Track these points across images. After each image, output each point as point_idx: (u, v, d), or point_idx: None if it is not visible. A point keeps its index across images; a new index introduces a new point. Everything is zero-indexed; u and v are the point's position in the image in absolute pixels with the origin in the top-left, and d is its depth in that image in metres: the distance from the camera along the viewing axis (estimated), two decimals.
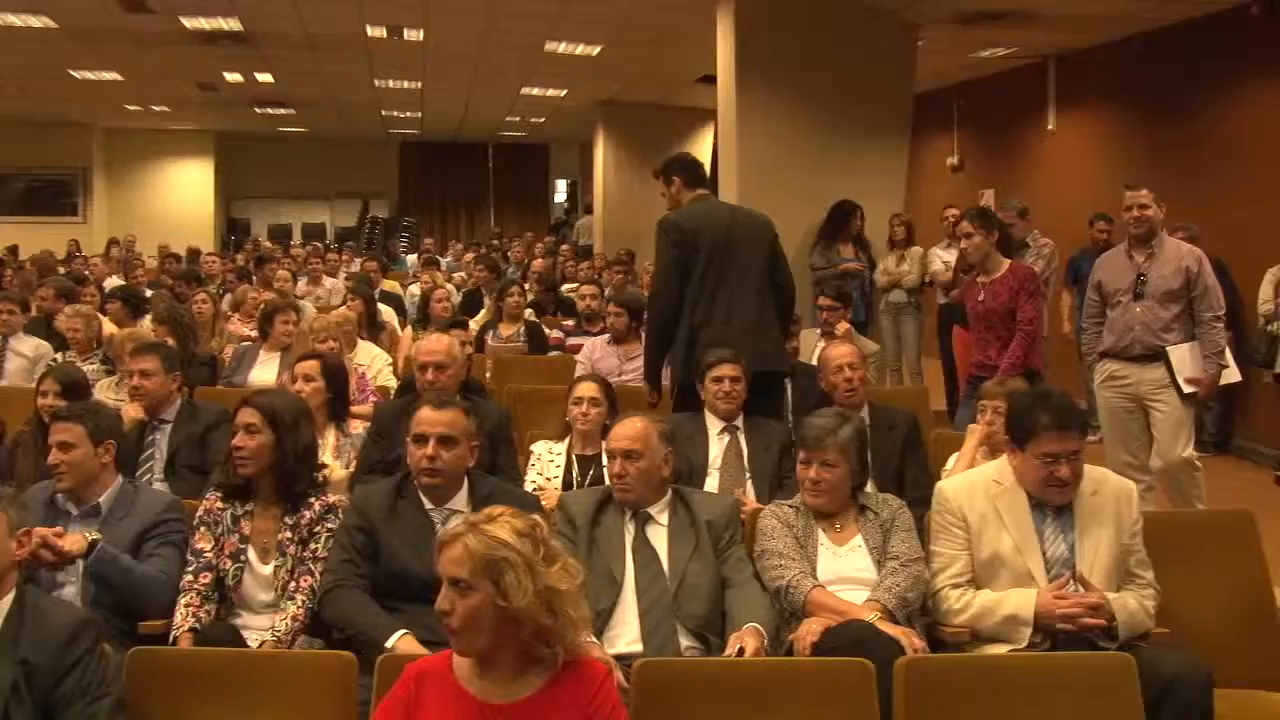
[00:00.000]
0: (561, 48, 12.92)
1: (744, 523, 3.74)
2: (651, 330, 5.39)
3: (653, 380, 5.31)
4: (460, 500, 3.52)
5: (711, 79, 9.95)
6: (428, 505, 3.50)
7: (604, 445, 3.88)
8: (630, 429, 3.60)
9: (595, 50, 12.91)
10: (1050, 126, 11.77)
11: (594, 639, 3.08)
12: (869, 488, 3.81)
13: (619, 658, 3.13)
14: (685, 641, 3.32)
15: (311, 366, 4.80)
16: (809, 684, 2.88)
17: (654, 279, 5.55)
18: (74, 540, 3.35)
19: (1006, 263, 5.81)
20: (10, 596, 2.63)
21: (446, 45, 13.04)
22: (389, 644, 3.13)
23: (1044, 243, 7.16)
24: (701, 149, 16.39)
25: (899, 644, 3.09)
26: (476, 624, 2.32)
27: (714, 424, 4.71)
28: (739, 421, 4.71)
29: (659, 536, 3.52)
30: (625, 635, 3.32)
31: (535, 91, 16.04)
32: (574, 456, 4.65)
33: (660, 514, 3.57)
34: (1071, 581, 3.30)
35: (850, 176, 8.40)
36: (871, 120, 8.76)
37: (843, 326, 6.45)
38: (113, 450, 3.69)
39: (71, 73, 15.07)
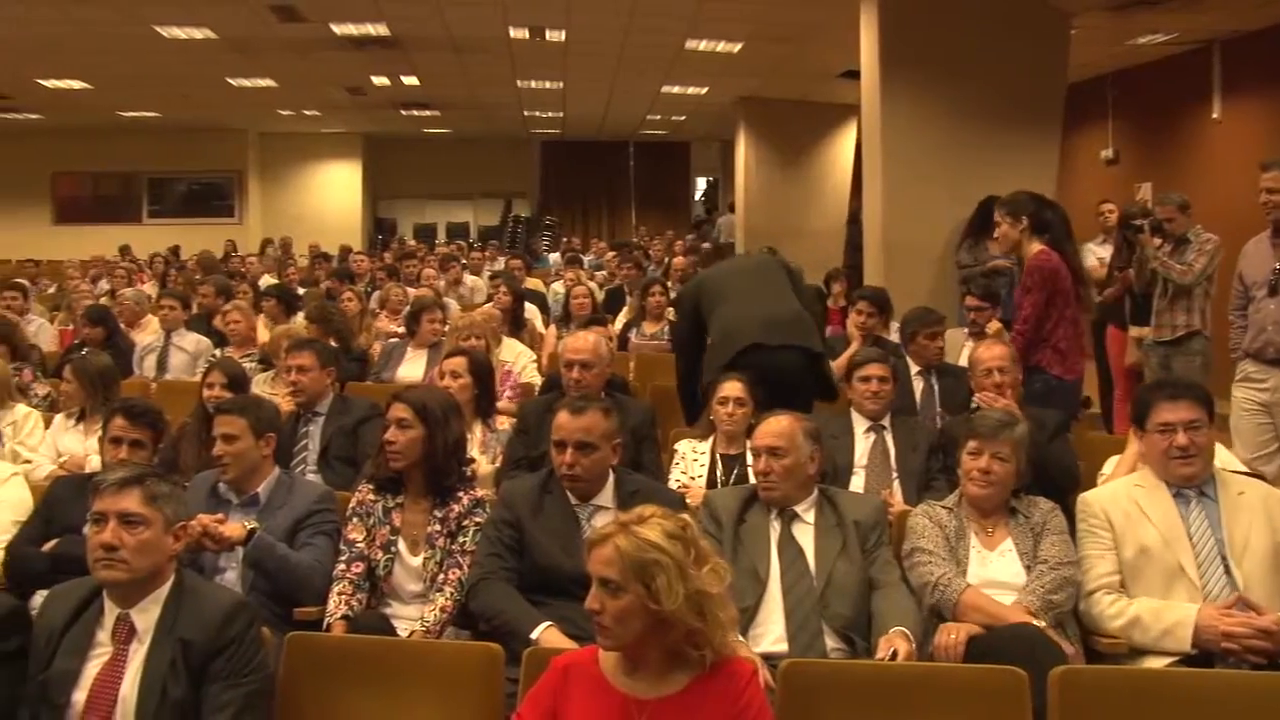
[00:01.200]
0: (702, 45, 12.90)
1: (891, 524, 3.67)
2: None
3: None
4: (605, 496, 3.54)
5: (854, 74, 9.80)
6: (573, 501, 3.53)
7: (749, 443, 3.85)
8: (775, 426, 3.57)
9: (736, 47, 12.86)
10: (1215, 115, 11.22)
11: (740, 638, 3.05)
12: None
13: (763, 657, 3.11)
14: (831, 643, 3.27)
15: (459, 363, 4.88)
16: (959, 690, 2.82)
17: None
18: (234, 528, 3.49)
19: (1034, 250, 5.46)
20: (169, 582, 2.72)
21: (587, 45, 13.14)
22: (534, 636, 3.17)
23: (1206, 238, 6.83)
24: (844, 145, 16.19)
25: (1063, 651, 3.00)
26: (626, 624, 2.32)
27: (860, 423, 4.65)
28: (885, 421, 4.63)
29: (805, 535, 3.48)
30: (770, 634, 3.29)
31: (675, 89, 16.05)
32: (718, 455, 4.61)
33: (806, 513, 3.53)
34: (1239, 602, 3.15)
35: (999, 171, 8.15)
36: (1021, 113, 8.50)
37: (994, 325, 6.27)
38: (273, 443, 3.82)
39: (229, 81, 15.67)
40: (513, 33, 12.75)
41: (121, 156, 20.62)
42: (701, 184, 24.73)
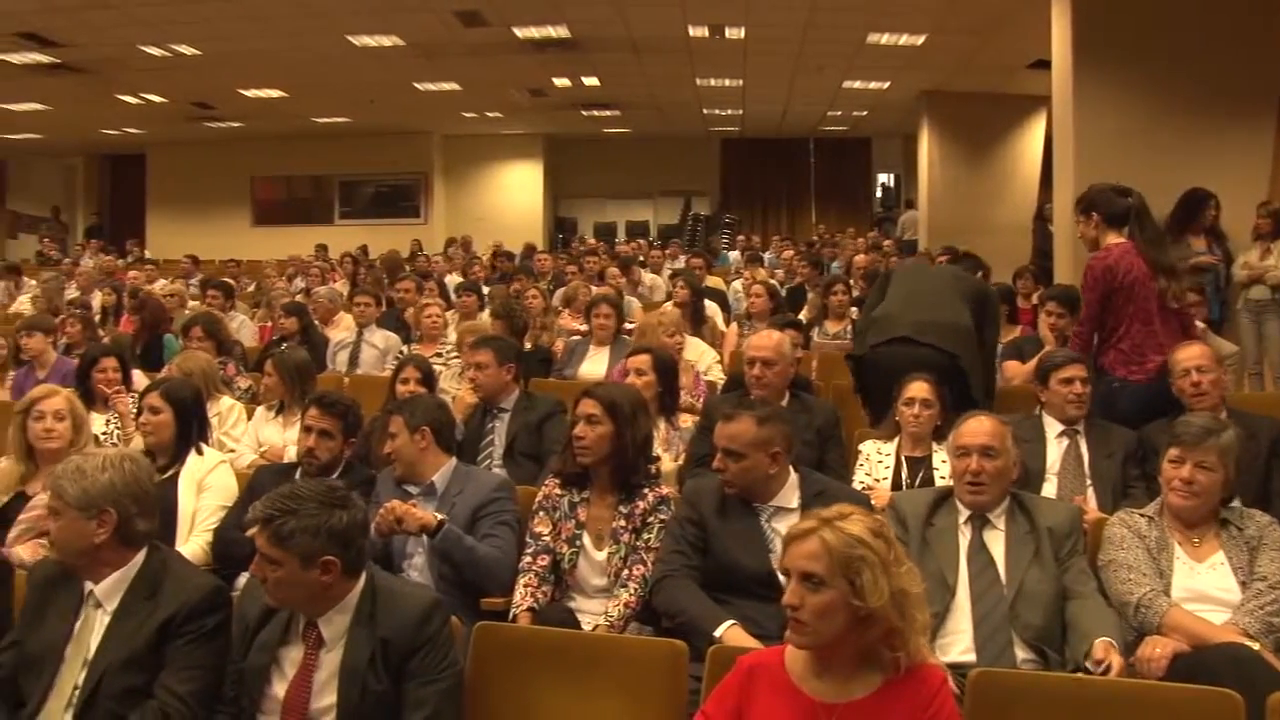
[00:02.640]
0: (884, 39, 12.69)
1: (1086, 532, 3.52)
2: None
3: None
4: (787, 496, 3.50)
5: (1044, 64, 9.49)
6: (756, 504, 3.50)
7: (939, 445, 3.75)
8: (987, 425, 3.45)
9: (919, 40, 12.61)
10: None
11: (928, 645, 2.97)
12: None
13: (950, 667, 3.01)
14: (1021, 654, 3.15)
15: (644, 360, 4.91)
16: (1164, 710, 2.66)
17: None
18: (427, 515, 3.60)
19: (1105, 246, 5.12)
20: (355, 591, 2.76)
21: (767, 42, 13.07)
22: (717, 634, 3.15)
23: None
24: (1032, 138, 15.68)
25: None
26: (826, 621, 2.27)
27: (1052, 427, 4.47)
28: (1080, 426, 4.45)
29: (996, 542, 3.36)
30: (957, 644, 3.19)
31: (857, 85, 15.83)
32: (903, 457, 4.51)
33: (998, 518, 3.40)
34: None
35: (1203, 163, 7.74)
36: (1229, 101, 8.05)
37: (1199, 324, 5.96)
38: (428, 435, 3.89)
39: (416, 85, 16.22)
40: (692, 31, 12.78)
41: (315, 161, 21.54)
42: (882, 180, 24.26)
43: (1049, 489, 4.32)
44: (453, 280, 11.57)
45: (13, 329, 7.37)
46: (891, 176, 23.83)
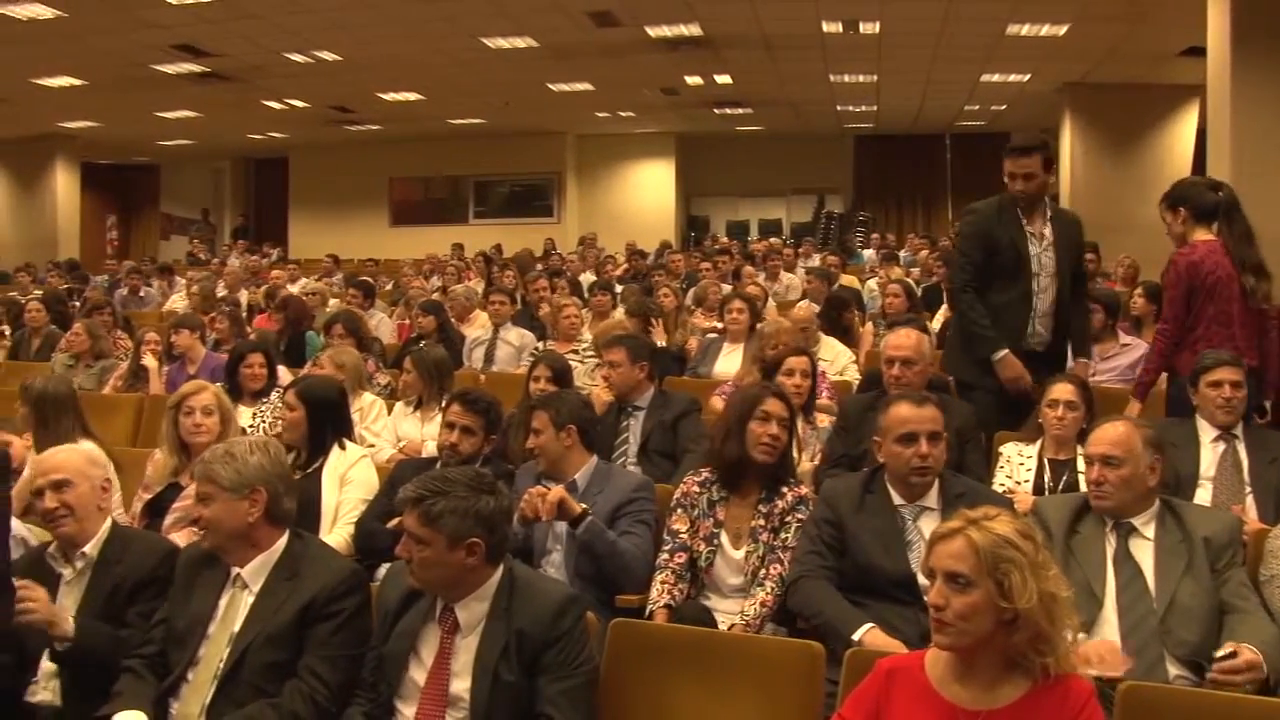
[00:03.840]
0: (1025, 30, 12.37)
1: (1245, 544, 3.36)
2: None
3: None
4: (931, 498, 3.43)
5: (1198, 51, 9.12)
6: (897, 501, 3.44)
7: (1081, 449, 3.63)
8: (1111, 433, 3.32)
9: (1062, 30, 12.25)
10: None
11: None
12: None
13: (1096, 681, 2.90)
14: (1174, 670, 3.02)
15: (804, 362, 4.90)
16: None
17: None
18: (573, 503, 3.64)
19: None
20: (494, 579, 2.81)
21: (903, 36, 12.87)
22: (855, 637, 3.10)
23: None
24: (1183, 130, 15.09)
25: None
26: (971, 622, 2.22)
27: (1207, 431, 4.27)
28: (1238, 430, 4.25)
29: (1144, 551, 3.22)
30: None
31: (995, 78, 15.45)
32: (1046, 460, 4.38)
33: (1145, 526, 3.26)
34: None
35: None
36: None
37: None
38: (574, 434, 3.93)
39: (549, 86, 16.40)
40: (826, 27, 12.65)
41: (450, 162, 21.98)
42: None
43: (1203, 496, 4.12)
44: (586, 279, 11.66)
45: (166, 326, 7.68)
46: None
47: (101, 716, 2.78)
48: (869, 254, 15.59)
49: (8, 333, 9.55)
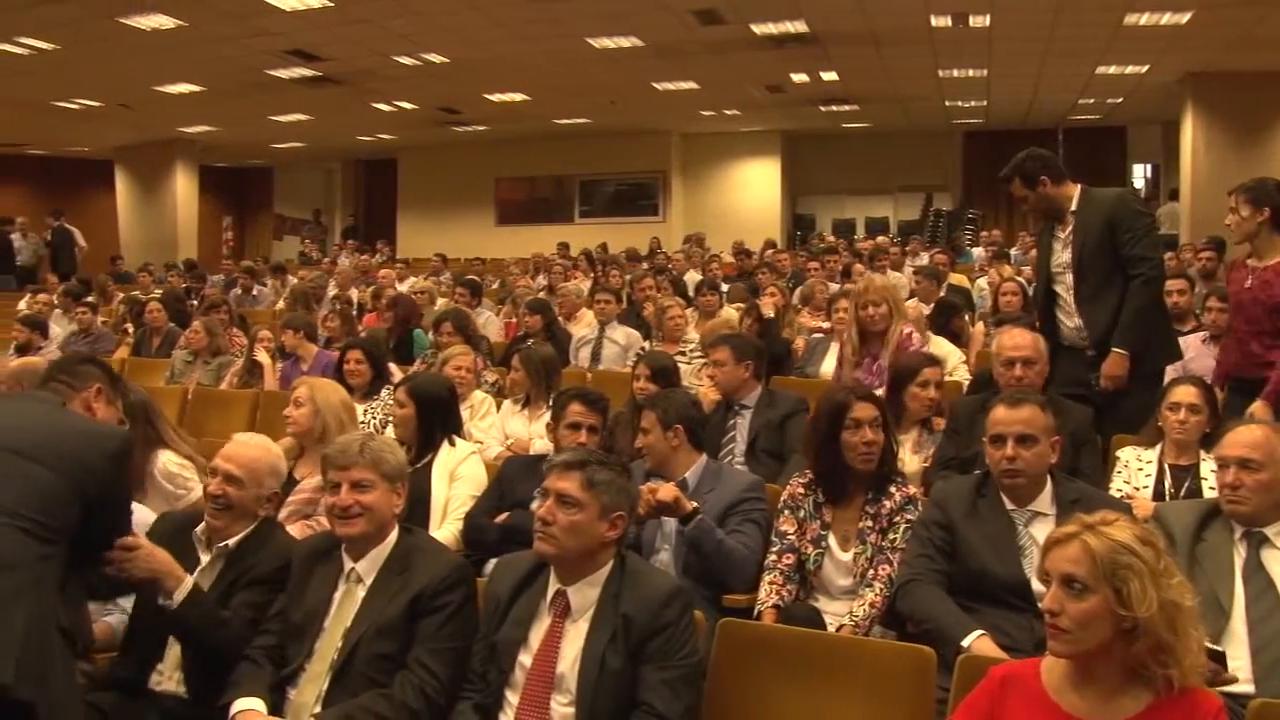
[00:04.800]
0: (1144, 19, 12.01)
1: None
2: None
3: None
4: (1044, 501, 3.34)
5: None
6: (1009, 506, 3.35)
7: (1211, 453, 3.50)
8: (1249, 435, 3.17)
9: (1184, 18, 11.87)
10: None
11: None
12: None
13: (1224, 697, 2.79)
14: None
15: (936, 373, 4.80)
16: None
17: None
18: (688, 503, 3.64)
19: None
20: (609, 566, 2.86)
21: (1014, 29, 12.61)
22: (965, 643, 3.03)
23: None
24: None
25: None
26: (1088, 629, 2.15)
27: None
28: None
29: (1277, 563, 3.07)
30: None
31: (1112, 70, 15.03)
32: (1166, 465, 4.24)
33: (1278, 536, 3.12)
34: None
35: None
36: None
37: None
38: (681, 434, 3.92)
39: (654, 85, 16.43)
40: (934, 21, 12.47)
41: (555, 161, 22.12)
42: (1139, 171, 22.93)
43: None
44: (692, 278, 11.64)
45: (279, 324, 7.87)
46: (1149, 167, 22.52)
47: (222, 705, 2.84)
48: (978, 252, 15.28)
49: (130, 330, 9.89)
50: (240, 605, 3.09)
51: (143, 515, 3.61)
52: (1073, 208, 4.87)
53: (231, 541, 3.22)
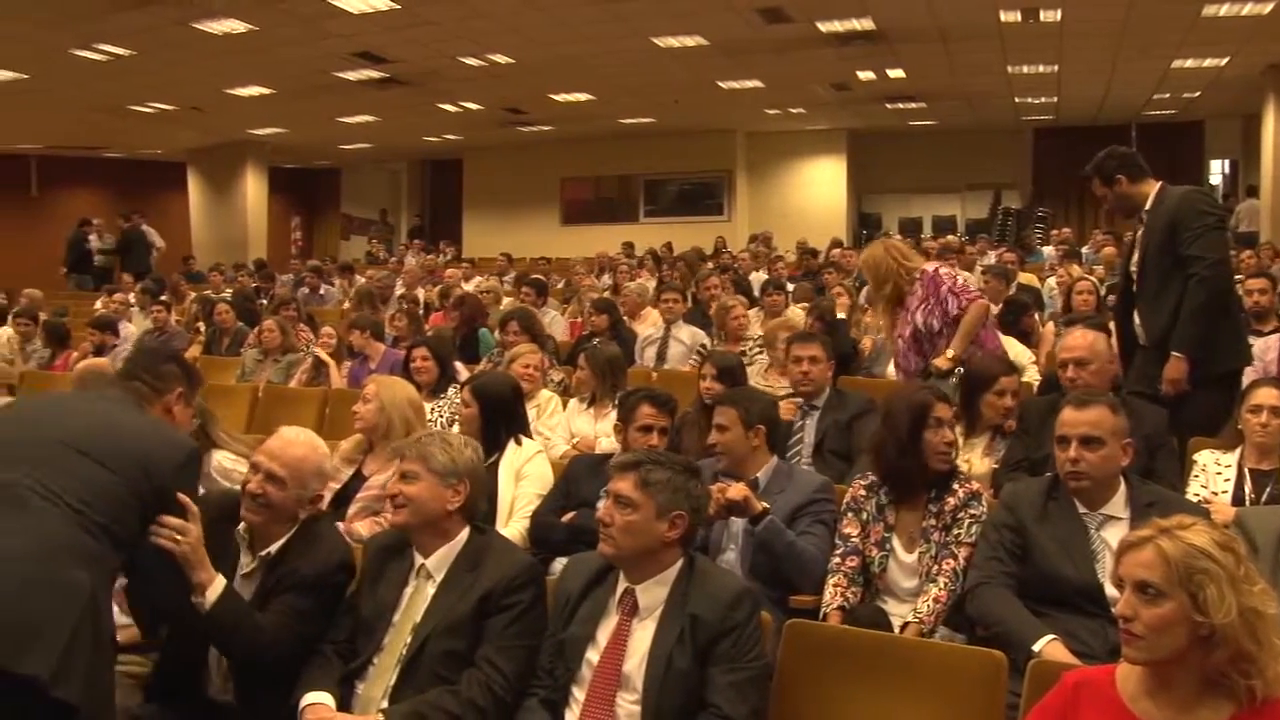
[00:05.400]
0: (1223, 10, 11.75)
1: None
2: None
3: None
4: (1117, 505, 3.28)
5: None
6: (1080, 509, 3.29)
7: None
8: None
9: (1266, 8, 11.59)
10: None
11: None
12: None
13: None
14: None
15: (1014, 382, 4.72)
16: None
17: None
18: (758, 503, 3.62)
19: None
20: (676, 565, 2.87)
21: (1087, 23, 12.41)
22: (1036, 648, 2.98)
23: None
24: None
25: None
26: (1163, 636, 2.10)
27: None
28: None
29: None
30: None
31: (1189, 63, 14.71)
32: (1246, 469, 4.14)
33: None
34: None
35: None
36: None
37: None
38: (763, 435, 3.90)
39: (719, 84, 16.40)
40: (1004, 16, 12.31)
41: (621, 161, 22.17)
42: (1216, 167, 22.40)
43: None
44: (757, 278, 11.59)
45: (346, 323, 7.96)
46: (1227, 162, 22.00)
47: (292, 701, 2.89)
48: (1048, 251, 15.04)
49: (202, 329, 10.07)
50: (281, 609, 3.02)
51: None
52: (1147, 206, 4.77)
53: (274, 548, 3.14)
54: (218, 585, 2.89)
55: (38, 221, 21.52)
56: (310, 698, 2.85)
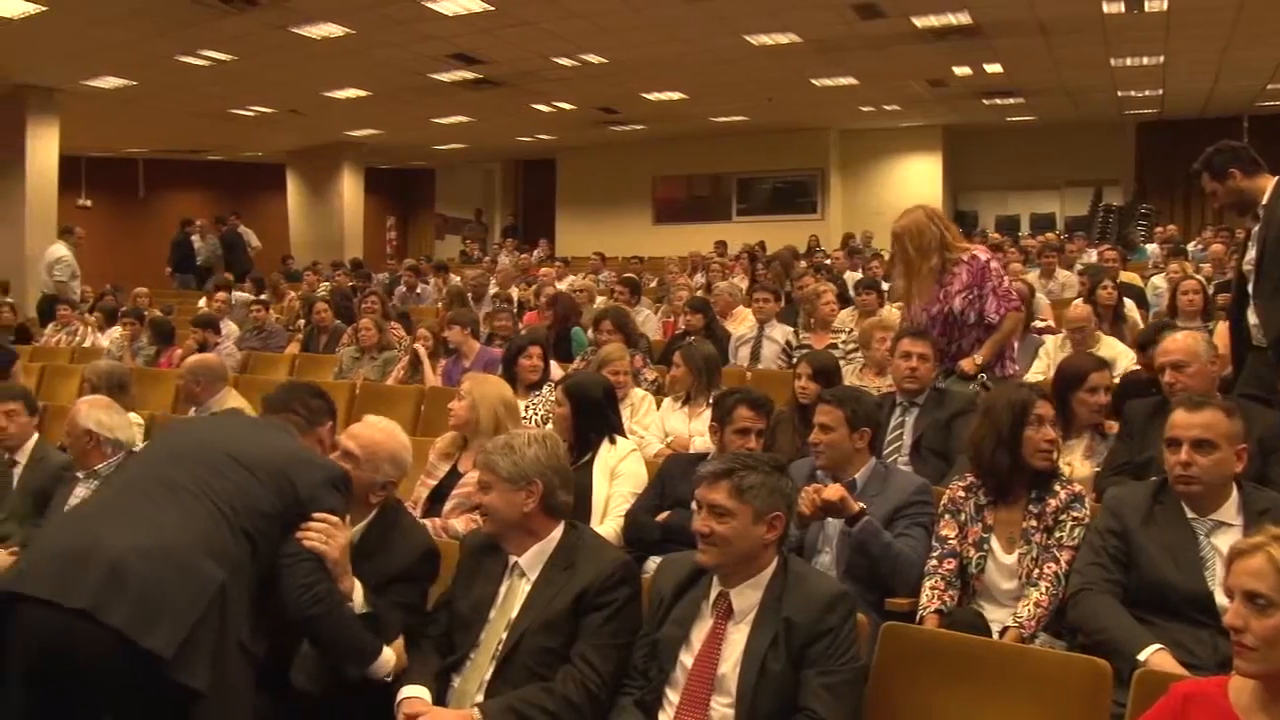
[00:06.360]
0: None
1: None
2: None
3: None
4: (1228, 511, 3.18)
5: None
6: (1189, 514, 3.20)
7: None
8: None
9: None
10: None
11: None
12: None
13: None
14: None
15: (1105, 377, 4.63)
16: None
17: None
18: (855, 504, 3.58)
19: None
20: (771, 567, 2.86)
21: (1195, 14, 12.07)
22: (1141, 657, 2.91)
23: None
24: None
25: None
26: (1276, 648, 2.06)
27: None
28: None
29: None
30: None
31: None
32: None
33: None
34: None
35: None
36: None
37: None
38: (868, 436, 3.87)
39: (812, 81, 16.30)
40: (1106, 8, 12.04)
41: (713, 160, 22.15)
42: None
43: None
44: (851, 278, 11.49)
45: (440, 322, 8.06)
46: None
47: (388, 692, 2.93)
48: (1152, 248, 14.65)
49: (301, 327, 10.28)
50: (391, 603, 3.10)
51: None
52: (1264, 201, 4.60)
53: (353, 532, 3.19)
54: (359, 592, 3.01)
55: (145, 223, 22.22)
56: (407, 690, 2.90)
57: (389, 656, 2.98)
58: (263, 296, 12.13)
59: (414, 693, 2.90)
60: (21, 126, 14.77)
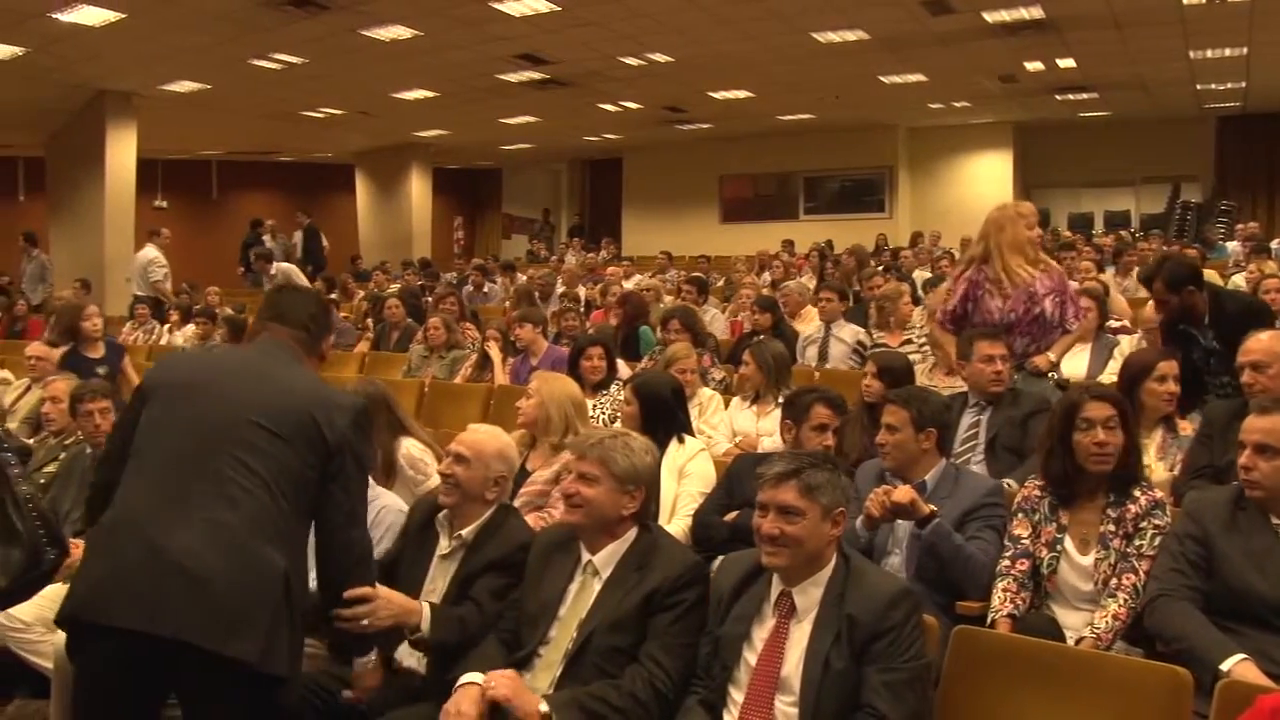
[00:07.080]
0: None
1: None
2: None
3: None
4: None
5: None
6: (1275, 521, 3.11)
7: None
8: None
9: None
10: None
11: None
12: None
13: None
14: None
15: (1172, 366, 4.53)
16: None
17: None
18: (925, 505, 3.54)
19: None
20: (832, 565, 2.84)
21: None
22: (1224, 667, 2.83)
23: None
24: None
25: None
26: None
27: None
28: None
29: None
30: None
31: None
32: None
33: None
34: None
35: None
36: None
37: None
38: (934, 437, 3.81)
39: (880, 79, 16.17)
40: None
41: (780, 158, 22.02)
42: None
43: None
44: (920, 276, 11.38)
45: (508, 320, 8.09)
46: None
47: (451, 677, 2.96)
48: (1233, 246, 14.30)
49: (370, 325, 10.38)
50: (481, 591, 3.21)
51: (392, 500, 3.85)
52: None
53: (466, 532, 3.34)
54: (426, 615, 3.09)
55: (218, 223, 22.59)
56: (466, 677, 2.89)
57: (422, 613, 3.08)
58: (333, 295, 12.28)
59: (472, 679, 2.86)
60: (102, 131, 15.09)
